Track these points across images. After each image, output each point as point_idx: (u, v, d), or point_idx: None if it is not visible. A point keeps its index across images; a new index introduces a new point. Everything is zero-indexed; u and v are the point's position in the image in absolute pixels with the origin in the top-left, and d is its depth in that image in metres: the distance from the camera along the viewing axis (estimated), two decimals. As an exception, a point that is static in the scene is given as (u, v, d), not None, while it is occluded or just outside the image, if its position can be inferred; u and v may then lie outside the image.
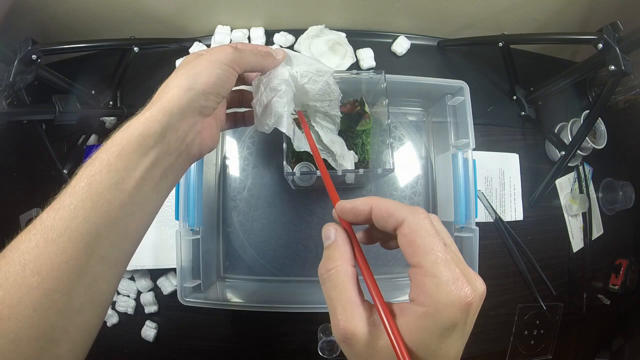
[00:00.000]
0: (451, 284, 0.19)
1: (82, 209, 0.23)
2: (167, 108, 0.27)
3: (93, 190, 0.24)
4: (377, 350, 0.20)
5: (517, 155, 0.73)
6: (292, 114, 0.41)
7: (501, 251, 0.70)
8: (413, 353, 0.19)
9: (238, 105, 0.40)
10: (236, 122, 0.41)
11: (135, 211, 0.26)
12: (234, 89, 0.35)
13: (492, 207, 0.70)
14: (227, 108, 0.39)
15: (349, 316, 0.21)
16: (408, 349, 0.19)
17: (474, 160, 0.57)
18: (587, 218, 0.75)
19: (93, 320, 0.25)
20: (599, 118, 0.70)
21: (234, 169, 0.66)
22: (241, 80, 0.38)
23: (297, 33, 0.72)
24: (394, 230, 0.22)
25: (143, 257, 0.62)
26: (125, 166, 0.25)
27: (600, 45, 0.54)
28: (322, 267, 0.24)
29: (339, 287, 0.22)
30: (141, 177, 0.26)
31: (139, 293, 0.64)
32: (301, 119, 0.43)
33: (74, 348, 0.24)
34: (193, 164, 0.54)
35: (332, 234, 0.25)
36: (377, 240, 0.27)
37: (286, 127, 0.38)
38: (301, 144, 0.45)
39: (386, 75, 0.53)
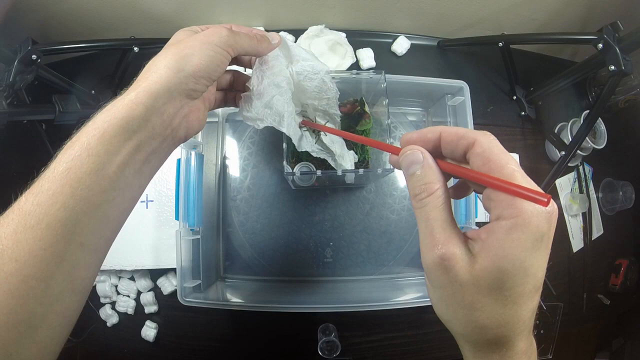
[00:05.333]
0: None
1: (61, 194, 0.23)
2: (153, 90, 0.26)
3: (72, 175, 0.23)
4: (474, 275, 0.20)
5: (517, 155, 0.73)
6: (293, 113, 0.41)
7: (501, 251, 0.70)
8: (508, 272, 0.19)
9: (229, 87, 0.38)
10: (226, 102, 0.39)
11: (117, 197, 0.25)
12: (227, 69, 0.33)
13: (492, 207, 0.70)
14: (217, 89, 0.37)
15: (448, 236, 0.21)
16: (503, 267, 0.19)
17: (474, 160, 0.57)
18: (587, 218, 0.75)
19: (73, 307, 0.25)
20: (599, 118, 0.70)
21: (234, 169, 0.66)
22: (234, 60, 0.35)
23: (297, 33, 0.72)
24: (464, 153, 0.22)
25: (143, 257, 0.62)
26: (107, 151, 0.24)
27: (600, 45, 0.54)
28: (421, 189, 0.23)
29: (439, 208, 0.22)
30: (123, 162, 0.25)
31: (139, 293, 0.64)
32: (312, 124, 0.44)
33: (53, 334, 0.24)
34: (193, 163, 0.55)
35: (420, 156, 0.23)
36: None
37: (286, 126, 0.38)
38: (303, 144, 0.45)
39: (386, 75, 0.53)
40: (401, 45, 0.74)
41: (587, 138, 0.66)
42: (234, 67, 0.38)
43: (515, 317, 0.20)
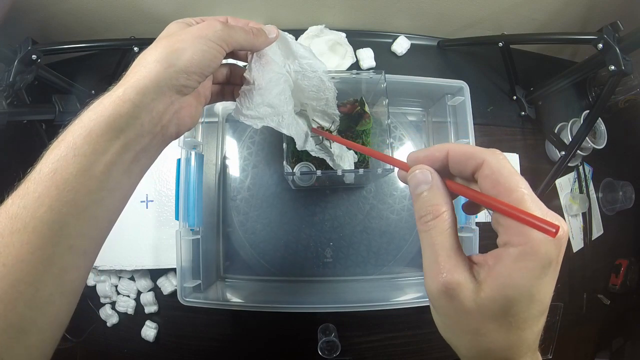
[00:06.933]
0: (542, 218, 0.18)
1: (47, 197, 0.22)
2: (141, 85, 0.25)
3: (58, 176, 0.22)
4: (479, 303, 0.20)
5: (517, 155, 0.73)
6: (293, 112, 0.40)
7: (501, 251, 0.70)
8: (514, 299, 0.19)
9: (226, 81, 0.36)
10: (223, 96, 0.37)
11: (105, 198, 0.24)
12: (223, 62, 0.32)
13: (492, 207, 0.70)
14: (213, 83, 0.35)
15: (453, 264, 0.21)
16: (509, 295, 0.19)
17: (474, 160, 0.57)
18: (587, 218, 0.75)
19: (63, 310, 0.24)
20: (599, 118, 0.70)
21: (234, 169, 0.66)
22: (230, 54, 0.33)
23: (297, 33, 0.72)
24: (473, 173, 0.22)
25: (143, 257, 0.62)
26: (94, 150, 0.23)
27: (600, 45, 0.54)
28: (427, 210, 0.22)
29: (445, 233, 0.21)
30: (111, 161, 0.24)
31: (139, 293, 0.64)
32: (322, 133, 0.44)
33: (43, 337, 0.23)
34: (193, 163, 0.55)
35: (429, 176, 0.22)
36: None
37: (286, 126, 0.38)
38: (304, 144, 0.45)
39: (386, 75, 0.53)
40: (401, 45, 0.74)
41: (587, 138, 0.65)
42: (231, 61, 0.36)
43: (520, 340, 0.20)
